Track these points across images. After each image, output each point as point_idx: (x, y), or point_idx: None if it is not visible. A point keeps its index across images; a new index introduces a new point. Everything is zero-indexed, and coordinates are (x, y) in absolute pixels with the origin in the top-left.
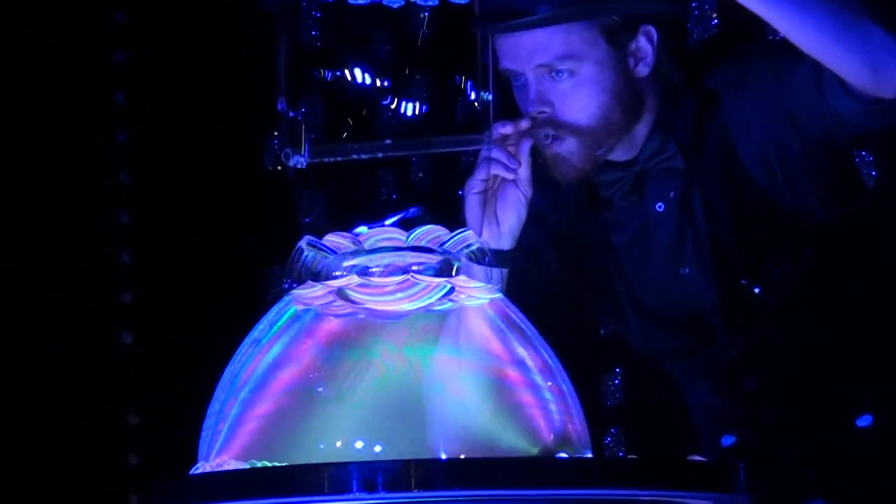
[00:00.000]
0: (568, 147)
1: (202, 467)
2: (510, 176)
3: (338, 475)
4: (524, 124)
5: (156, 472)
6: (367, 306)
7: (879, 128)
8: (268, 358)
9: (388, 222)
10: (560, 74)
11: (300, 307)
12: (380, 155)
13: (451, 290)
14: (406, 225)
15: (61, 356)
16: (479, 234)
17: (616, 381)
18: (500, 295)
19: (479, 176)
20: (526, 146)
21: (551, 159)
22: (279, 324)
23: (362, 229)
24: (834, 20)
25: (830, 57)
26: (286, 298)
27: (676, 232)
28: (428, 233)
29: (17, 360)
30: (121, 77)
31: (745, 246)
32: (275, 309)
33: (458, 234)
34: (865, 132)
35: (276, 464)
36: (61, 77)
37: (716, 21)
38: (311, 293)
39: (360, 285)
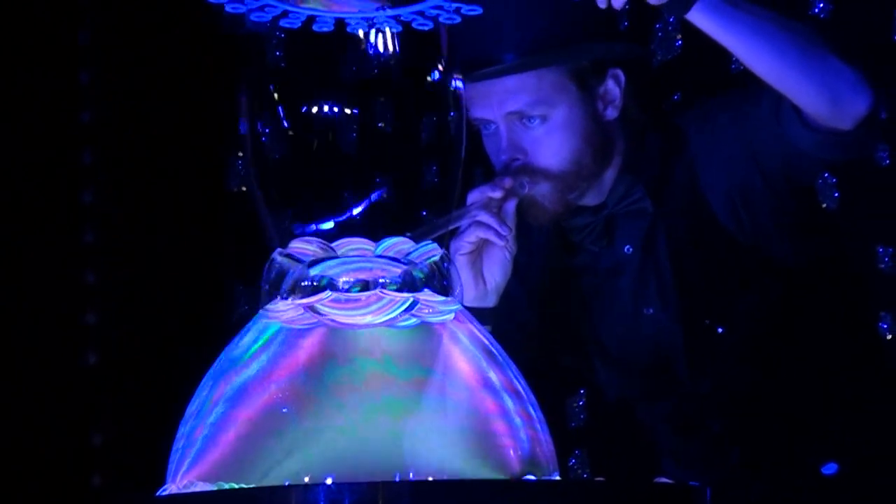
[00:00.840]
0: (541, 191)
1: (169, 489)
2: (500, 242)
3: (305, 496)
4: (507, 182)
5: (119, 494)
6: (332, 318)
7: (839, 160)
8: (242, 377)
9: (355, 211)
10: (532, 121)
11: (273, 322)
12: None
13: (415, 304)
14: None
15: (25, 376)
16: (468, 291)
17: (580, 403)
18: (460, 306)
19: (469, 239)
20: (511, 206)
21: (524, 204)
22: (257, 342)
23: (328, 224)
24: (793, 48)
25: (789, 84)
26: (260, 314)
27: (641, 273)
28: (394, 245)
29: None
30: (85, 96)
31: (710, 285)
32: (250, 326)
33: (422, 246)
34: (826, 165)
35: (244, 485)
36: (22, 97)
37: (679, 42)
38: (283, 308)
39: (333, 300)
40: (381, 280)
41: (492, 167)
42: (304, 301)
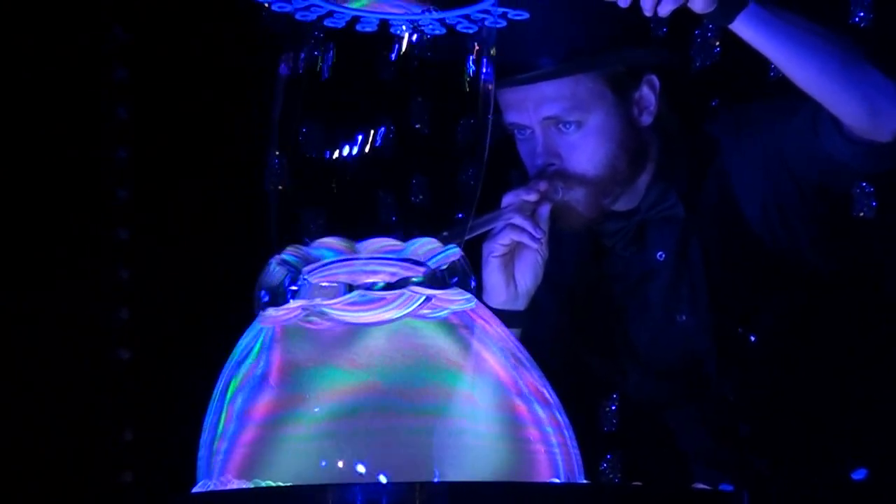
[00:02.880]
0: (575, 196)
1: (204, 486)
2: (534, 245)
3: (342, 496)
4: (542, 186)
5: (155, 491)
6: (341, 319)
7: (874, 172)
8: (251, 378)
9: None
10: (568, 126)
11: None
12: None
13: (429, 300)
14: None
15: (57, 372)
16: (499, 296)
17: (612, 407)
18: (476, 302)
19: (502, 241)
20: (545, 211)
21: (558, 209)
22: (258, 345)
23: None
24: (834, 60)
25: (829, 96)
26: (262, 319)
27: (673, 280)
28: (423, 245)
29: (12, 376)
30: (120, 92)
31: (741, 293)
32: (251, 332)
33: (445, 249)
34: (861, 177)
35: (281, 483)
36: (60, 94)
37: (718, 49)
38: (283, 311)
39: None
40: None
41: (525, 172)
42: (324, 303)
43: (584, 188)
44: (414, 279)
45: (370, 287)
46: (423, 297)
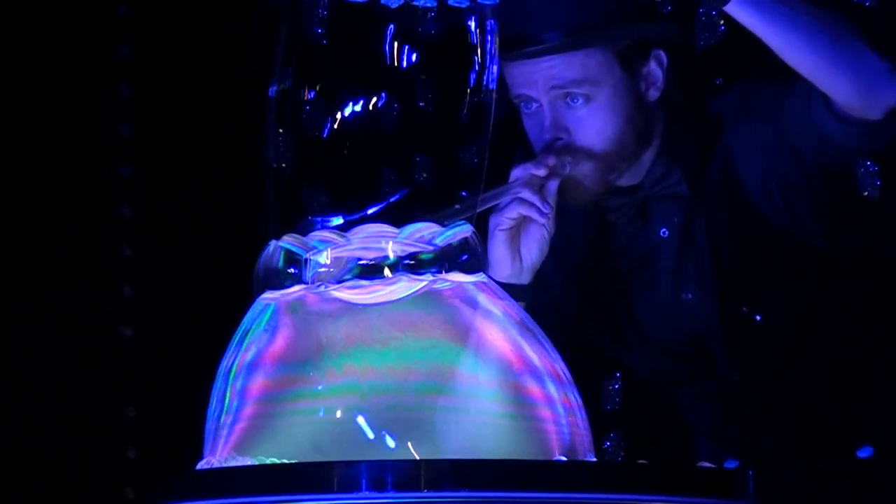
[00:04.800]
0: (582, 171)
1: (208, 462)
2: (541, 220)
3: (347, 473)
4: (551, 161)
5: (157, 467)
6: (344, 299)
7: (867, 149)
8: (257, 356)
9: (370, 211)
10: (576, 100)
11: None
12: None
13: (435, 277)
14: (396, 218)
15: (60, 350)
16: (504, 270)
17: (616, 386)
18: (485, 278)
19: (510, 215)
20: (554, 186)
21: (564, 183)
22: (261, 320)
23: (337, 220)
24: (827, 39)
25: (821, 75)
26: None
27: (679, 257)
28: (418, 231)
29: (14, 354)
30: (122, 72)
31: (747, 272)
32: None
33: (452, 227)
34: (856, 154)
35: (284, 461)
36: (61, 75)
37: (723, 27)
38: (285, 292)
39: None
40: (405, 260)
41: (531, 148)
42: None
43: (591, 163)
44: (423, 255)
45: (376, 262)
46: (429, 276)
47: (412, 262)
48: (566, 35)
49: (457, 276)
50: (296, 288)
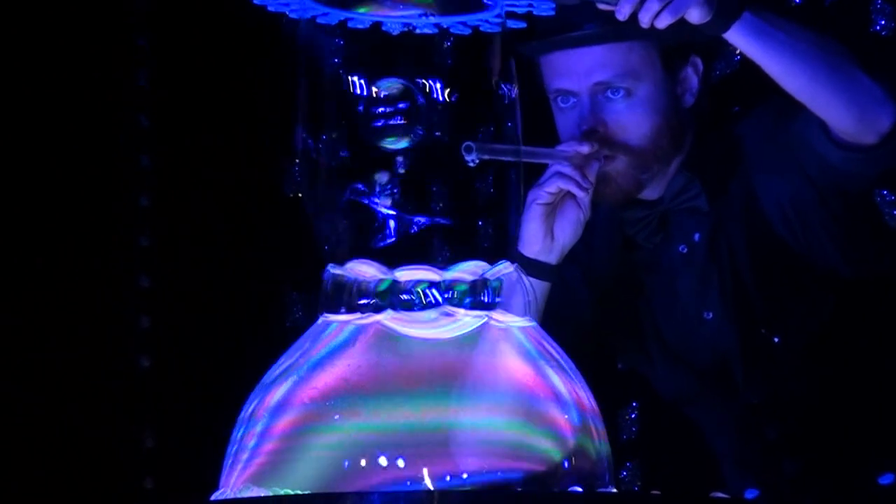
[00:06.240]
0: (616, 167)
1: (223, 493)
2: (581, 194)
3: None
4: (593, 146)
5: (171, 497)
6: (401, 331)
7: (869, 175)
8: (297, 384)
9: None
10: (616, 92)
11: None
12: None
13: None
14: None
15: (79, 379)
16: (534, 245)
17: (632, 416)
18: (533, 323)
19: (548, 189)
20: (595, 168)
21: (597, 180)
22: (318, 350)
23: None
24: (824, 66)
25: (819, 102)
26: (320, 321)
27: (702, 275)
28: (466, 270)
29: (34, 383)
30: (142, 99)
31: (766, 294)
32: (309, 335)
33: (496, 267)
34: (860, 180)
35: (299, 491)
36: (82, 100)
37: (738, 57)
38: (346, 318)
39: (395, 317)
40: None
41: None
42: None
43: (626, 158)
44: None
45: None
46: (483, 317)
47: (462, 295)
48: (610, 23)
49: (507, 318)
50: (351, 316)
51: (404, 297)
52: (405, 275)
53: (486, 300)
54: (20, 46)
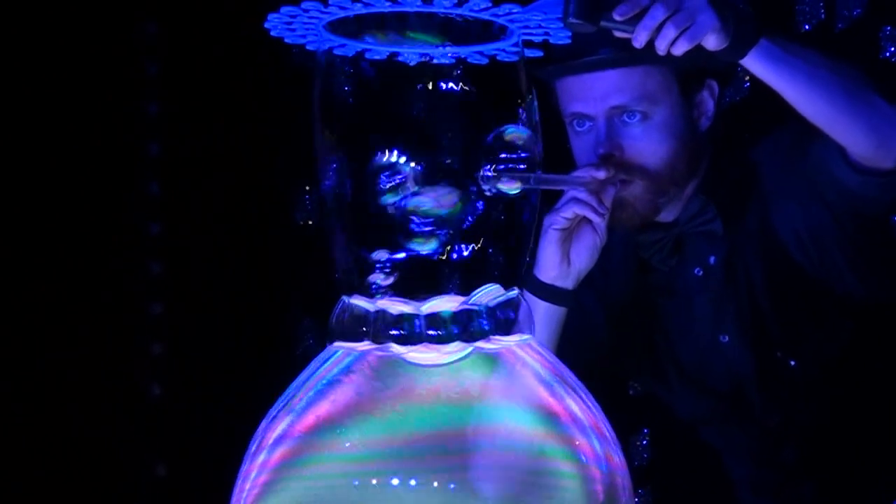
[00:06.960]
0: (632, 191)
1: None
2: (597, 219)
3: None
4: (610, 171)
5: None
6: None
7: (888, 199)
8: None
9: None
10: (633, 116)
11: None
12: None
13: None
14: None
15: (90, 408)
16: (551, 270)
17: (644, 442)
18: (531, 337)
19: (565, 214)
20: (611, 193)
21: (613, 204)
22: (325, 380)
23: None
24: (842, 92)
25: (837, 128)
26: (331, 351)
27: (717, 298)
28: (487, 294)
29: (44, 412)
30: (152, 127)
31: (782, 318)
32: (320, 362)
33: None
34: (879, 204)
35: None
36: (91, 127)
37: (748, 84)
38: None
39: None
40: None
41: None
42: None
43: (643, 182)
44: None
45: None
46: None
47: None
48: (627, 48)
49: (507, 339)
50: (361, 345)
51: (430, 332)
52: (430, 306)
53: (485, 326)
54: (31, 37)
